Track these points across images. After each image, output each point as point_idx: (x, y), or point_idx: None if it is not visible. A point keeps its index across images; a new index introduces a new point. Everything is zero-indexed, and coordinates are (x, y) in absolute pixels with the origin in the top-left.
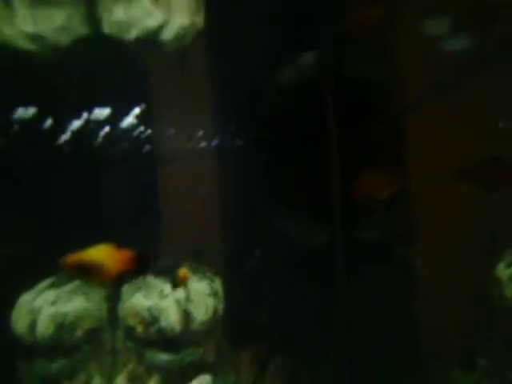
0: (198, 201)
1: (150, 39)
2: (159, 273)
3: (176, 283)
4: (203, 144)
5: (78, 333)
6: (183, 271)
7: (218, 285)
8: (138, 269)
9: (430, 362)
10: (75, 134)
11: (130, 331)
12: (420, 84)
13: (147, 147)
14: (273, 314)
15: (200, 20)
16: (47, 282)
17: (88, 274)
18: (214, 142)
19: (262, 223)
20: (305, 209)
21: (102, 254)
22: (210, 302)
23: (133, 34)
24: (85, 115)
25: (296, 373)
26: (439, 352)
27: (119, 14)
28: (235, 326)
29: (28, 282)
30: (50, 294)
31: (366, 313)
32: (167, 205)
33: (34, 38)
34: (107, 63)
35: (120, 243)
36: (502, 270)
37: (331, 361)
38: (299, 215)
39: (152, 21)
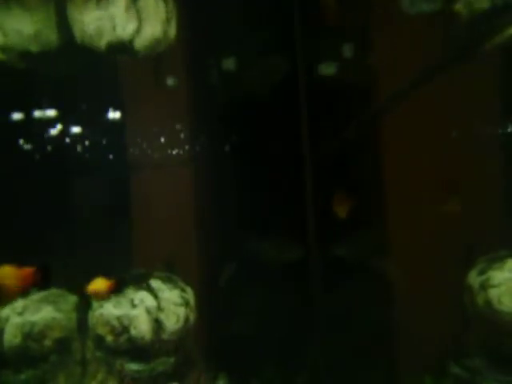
0: (171, 210)
1: (122, 47)
2: (130, 282)
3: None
4: (176, 153)
5: (47, 342)
6: (97, 284)
7: (189, 294)
8: (40, 282)
9: (402, 371)
10: (47, 142)
11: (99, 341)
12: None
13: (119, 155)
14: (248, 327)
15: (172, 30)
16: None
17: None
18: (188, 151)
19: (236, 238)
20: (279, 224)
21: (3, 274)
22: (182, 311)
23: (104, 42)
24: (56, 123)
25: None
26: (412, 360)
27: (90, 22)
28: (209, 337)
29: None
30: (18, 304)
31: (341, 325)
32: (140, 214)
33: (4, 48)
34: (79, 71)
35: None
36: (474, 278)
37: (309, 371)
38: (274, 231)
39: (123, 29)
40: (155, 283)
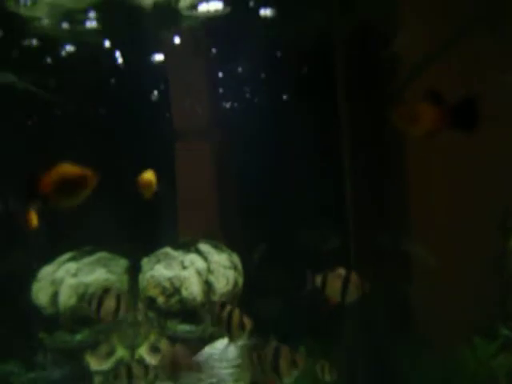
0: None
1: (167, 7)
2: (179, 248)
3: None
4: (218, 122)
5: None
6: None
7: (236, 259)
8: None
9: (451, 334)
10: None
11: (151, 302)
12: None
13: (163, 122)
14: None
15: None
16: (67, 255)
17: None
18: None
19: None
20: (318, 213)
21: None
22: (231, 274)
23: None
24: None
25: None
26: (460, 323)
27: None
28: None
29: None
30: (71, 266)
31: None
32: (184, 187)
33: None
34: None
35: None
36: None
37: (345, 342)
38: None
39: None
40: (204, 247)
